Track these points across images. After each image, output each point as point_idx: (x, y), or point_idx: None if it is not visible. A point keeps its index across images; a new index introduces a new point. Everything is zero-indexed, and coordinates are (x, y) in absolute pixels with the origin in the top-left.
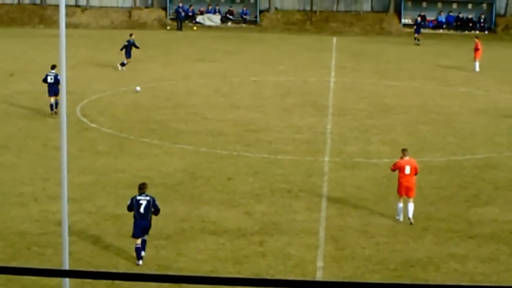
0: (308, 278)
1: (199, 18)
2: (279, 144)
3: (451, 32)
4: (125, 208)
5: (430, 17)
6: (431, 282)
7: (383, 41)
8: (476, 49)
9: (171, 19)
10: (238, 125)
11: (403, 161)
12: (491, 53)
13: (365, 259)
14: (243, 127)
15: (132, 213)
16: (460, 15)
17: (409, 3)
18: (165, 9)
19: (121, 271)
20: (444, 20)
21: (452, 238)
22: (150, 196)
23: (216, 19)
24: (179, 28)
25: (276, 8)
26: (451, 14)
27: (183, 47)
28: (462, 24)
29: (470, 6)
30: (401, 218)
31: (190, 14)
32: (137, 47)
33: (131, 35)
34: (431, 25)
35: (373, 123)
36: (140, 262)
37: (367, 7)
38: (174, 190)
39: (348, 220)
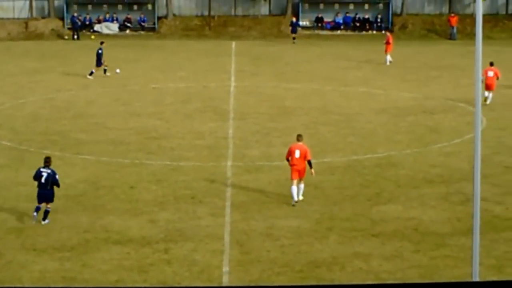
0: (215, 284)
1: (97, 27)
2: (181, 150)
3: (349, 32)
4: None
5: (328, 18)
6: (336, 282)
7: (282, 44)
8: (387, 43)
9: (69, 28)
10: (139, 133)
11: (293, 146)
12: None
13: (270, 262)
14: (145, 135)
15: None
16: (357, 16)
17: (306, 5)
18: (62, 19)
19: (25, 285)
20: (341, 21)
21: (356, 237)
22: (51, 169)
23: (114, 27)
24: (77, 37)
25: (174, 14)
26: (348, 15)
27: (81, 57)
28: (359, 25)
29: (366, 6)
30: (295, 199)
31: (88, 23)
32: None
33: (102, 43)
34: (328, 26)
35: (274, 126)
36: (36, 214)
37: (265, 10)
38: (76, 201)
39: (253, 224)
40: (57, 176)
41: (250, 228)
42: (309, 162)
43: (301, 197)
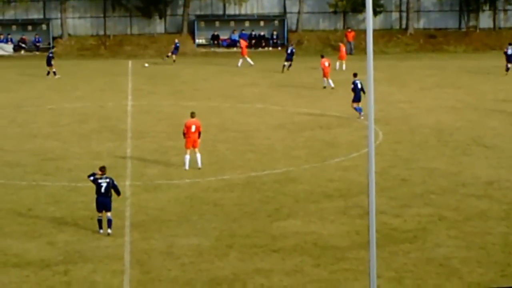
0: None
1: None
2: (79, 171)
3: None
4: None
5: (224, 36)
6: None
7: (178, 62)
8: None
9: None
10: (36, 155)
11: (189, 121)
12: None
13: (171, 281)
14: (41, 156)
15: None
16: (253, 33)
17: (202, 23)
18: None
19: None
20: (237, 38)
21: (256, 254)
22: (109, 178)
23: (8, 48)
24: None
25: (69, 34)
26: (244, 32)
27: None
28: (255, 41)
29: (262, 23)
30: (187, 167)
31: None
32: None
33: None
34: (225, 43)
35: (172, 145)
36: (101, 231)
37: (160, 29)
38: None
39: (153, 243)
40: (115, 183)
41: (150, 247)
42: (199, 133)
43: (200, 166)
